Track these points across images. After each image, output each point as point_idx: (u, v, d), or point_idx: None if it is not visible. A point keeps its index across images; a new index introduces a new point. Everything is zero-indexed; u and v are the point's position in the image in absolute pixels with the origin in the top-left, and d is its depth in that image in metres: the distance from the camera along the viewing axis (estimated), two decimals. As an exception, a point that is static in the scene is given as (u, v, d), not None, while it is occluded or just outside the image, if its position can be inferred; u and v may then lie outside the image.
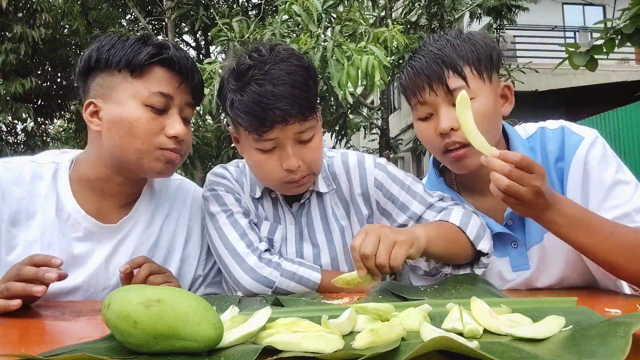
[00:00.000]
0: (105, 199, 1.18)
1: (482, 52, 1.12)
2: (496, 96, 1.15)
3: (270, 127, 1.04)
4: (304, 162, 1.10)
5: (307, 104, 1.06)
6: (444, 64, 1.10)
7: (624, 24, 3.95)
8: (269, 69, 1.05)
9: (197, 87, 1.16)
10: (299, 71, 1.07)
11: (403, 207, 1.20)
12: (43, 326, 0.81)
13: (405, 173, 1.25)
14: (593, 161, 1.09)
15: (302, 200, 1.23)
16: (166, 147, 1.10)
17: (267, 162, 1.10)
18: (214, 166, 1.34)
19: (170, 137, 1.10)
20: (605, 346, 0.50)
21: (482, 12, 8.64)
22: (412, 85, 1.14)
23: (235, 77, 1.08)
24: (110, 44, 1.10)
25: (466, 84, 1.09)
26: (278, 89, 1.03)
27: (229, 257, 1.13)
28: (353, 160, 1.26)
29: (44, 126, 11.59)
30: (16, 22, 8.18)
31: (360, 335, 0.56)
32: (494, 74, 1.14)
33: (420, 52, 1.15)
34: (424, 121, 1.16)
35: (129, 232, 1.19)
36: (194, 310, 0.57)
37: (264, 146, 1.09)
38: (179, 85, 1.11)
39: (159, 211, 1.26)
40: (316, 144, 1.12)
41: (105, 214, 1.18)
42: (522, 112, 7.68)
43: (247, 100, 1.04)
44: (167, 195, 1.29)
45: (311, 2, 4.13)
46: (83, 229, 1.15)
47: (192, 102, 1.16)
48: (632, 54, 12.78)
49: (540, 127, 1.19)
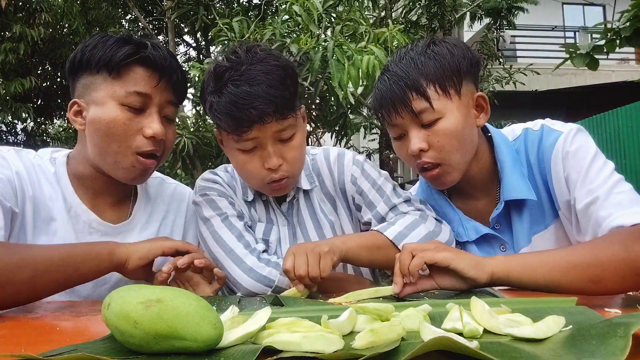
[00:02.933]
0: (97, 196, 1.19)
1: (447, 67, 1.09)
2: (467, 110, 1.12)
3: (249, 127, 1.05)
4: (286, 161, 1.11)
5: (285, 102, 1.07)
6: (406, 86, 1.08)
7: (623, 26, 3.95)
8: (245, 70, 1.06)
9: (177, 85, 1.15)
10: (276, 70, 1.07)
11: (370, 205, 1.22)
12: (43, 326, 0.81)
13: (380, 172, 1.26)
14: (570, 152, 1.08)
15: (288, 198, 1.25)
16: (143, 149, 1.09)
17: (250, 162, 1.11)
18: (214, 166, 1.35)
19: (148, 137, 1.09)
20: (605, 346, 0.50)
21: (482, 13, 8.63)
22: (380, 108, 1.15)
23: (213, 80, 1.09)
24: (93, 44, 1.10)
25: (430, 105, 1.08)
26: (254, 89, 1.04)
27: (227, 259, 1.13)
28: (333, 156, 1.28)
29: (44, 126, 11.58)
30: (16, 21, 8.16)
31: (360, 335, 0.56)
32: (463, 86, 1.11)
33: (385, 74, 1.14)
34: (398, 140, 1.17)
35: (127, 235, 1.19)
36: (194, 310, 0.57)
37: (245, 146, 1.09)
38: (157, 83, 1.10)
39: (155, 215, 1.27)
40: (297, 143, 1.12)
41: (101, 211, 1.19)
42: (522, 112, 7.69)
43: (224, 102, 1.05)
44: (162, 199, 1.30)
45: (311, 2, 4.13)
46: (83, 223, 1.15)
47: (174, 100, 1.15)
48: (632, 54, 12.78)
49: (525, 129, 1.19)
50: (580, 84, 11.19)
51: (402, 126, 1.13)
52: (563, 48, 4.37)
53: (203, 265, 1.06)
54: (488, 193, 1.23)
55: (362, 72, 3.68)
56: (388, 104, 1.12)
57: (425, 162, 1.12)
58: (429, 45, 1.14)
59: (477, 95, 1.15)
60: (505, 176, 1.15)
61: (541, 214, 1.16)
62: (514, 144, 1.19)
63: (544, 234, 1.16)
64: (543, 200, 1.15)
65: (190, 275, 1.08)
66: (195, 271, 1.08)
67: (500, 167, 1.17)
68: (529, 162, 1.16)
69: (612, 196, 1.01)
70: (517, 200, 1.15)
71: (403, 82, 1.09)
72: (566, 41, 12.56)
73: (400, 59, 1.14)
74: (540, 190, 1.15)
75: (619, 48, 4.12)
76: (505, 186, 1.15)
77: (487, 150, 1.21)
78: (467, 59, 1.13)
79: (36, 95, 9.92)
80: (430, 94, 1.08)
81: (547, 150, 1.12)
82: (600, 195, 1.01)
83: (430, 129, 1.09)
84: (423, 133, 1.10)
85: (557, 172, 1.11)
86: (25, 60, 8.79)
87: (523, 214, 1.16)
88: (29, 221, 1.09)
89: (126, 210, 1.24)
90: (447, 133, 1.08)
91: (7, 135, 10.95)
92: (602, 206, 1.00)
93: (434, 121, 1.09)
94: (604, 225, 0.99)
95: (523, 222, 1.16)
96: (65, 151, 1.24)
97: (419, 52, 1.12)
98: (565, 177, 1.09)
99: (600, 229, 1.00)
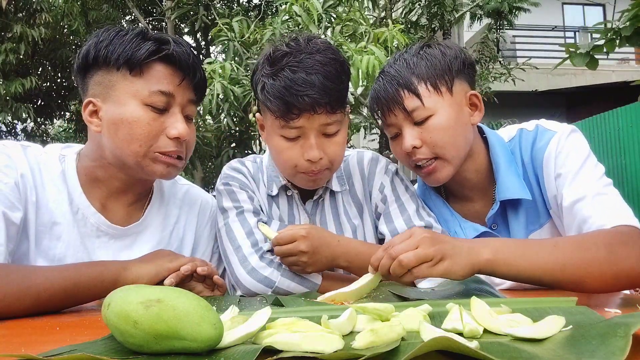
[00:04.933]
0: (112, 197, 1.13)
1: (438, 66, 1.13)
2: (460, 107, 1.15)
3: (298, 115, 1.06)
4: (326, 155, 1.11)
5: (337, 96, 1.08)
6: (399, 85, 1.13)
7: (623, 26, 3.95)
8: (304, 58, 1.06)
9: (199, 83, 1.11)
10: (333, 63, 1.08)
11: (388, 217, 1.22)
12: (43, 326, 0.81)
13: (408, 187, 1.26)
14: (563, 152, 1.10)
15: (315, 197, 1.24)
16: (166, 150, 1.06)
17: (290, 150, 1.11)
18: (214, 166, 1.35)
19: (172, 138, 1.05)
20: (605, 346, 0.50)
21: (482, 13, 8.63)
22: (376, 108, 1.19)
23: (269, 63, 1.09)
24: (109, 39, 1.04)
25: (421, 102, 1.11)
26: (310, 78, 1.04)
27: (234, 255, 1.14)
28: (367, 160, 1.29)
29: (44, 126, 11.59)
30: (16, 21, 8.17)
31: (360, 335, 0.56)
32: (455, 83, 1.15)
33: (381, 75, 1.19)
34: (394, 140, 1.20)
35: (137, 237, 1.16)
36: (194, 310, 0.57)
37: (289, 134, 1.09)
38: (180, 82, 1.06)
39: (169, 217, 1.23)
40: (340, 139, 1.13)
41: (113, 212, 1.14)
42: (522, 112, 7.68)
43: (278, 85, 1.05)
44: (175, 201, 1.26)
45: (311, 2, 4.13)
46: (90, 226, 1.10)
47: (195, 99, 1.11)
48: (632, 54, 12.77)
49: (519, 129, 1.22)
50: (580, 84, 11.18)
51: (396, 125, 1.16)
52: (563, 48, 4.38)
53: (206, 273, 1.05)
54: (484, 194, 1.24)
55: (362, 72, 3.68)
56: (382, 103, 1.16)
57: (419, 159, 1.15)
58: (423, 47, 1.19)
59: (471, 94, 1.18)
60: (500, 176, 1.17)
61: (536, 213, 1.17)
62: (509, 144, 1.21)
63: (539, 232, 1.17)
64: (537, 199, 1.17)
65: (193, 285, 1.07)
66: (198, 280, 1.07)
67: (495, 168, 1.19)
68: (523, 162, 1.18)
69: (600, 197, 1.03)
70: (512, 200, 1.16)
71: (396, 82, 1.14)
72: (566, 41, 12.57)
73: (395, 61, 1.19)
74: (535, 189, 1.17)
75: (618, 48, 4.12)
76: (500, 186, 1.17)
77: (483, 151, 1.22)
78: (460, 59, 1.17)
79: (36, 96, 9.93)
80: (422, 92, 1.12)
81: (540, 150, 1.14)
82: (588, 195, 1.03)
83: (423, 126, 1.13)
84: (416, 130, 1.14)
85: (549, 171, 1.12)
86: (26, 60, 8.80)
87: (519, 213, 1.18)
88: (32, 226, 1.05)
89: (140, 211, 1.19)
90: (438, 129, 1.11)
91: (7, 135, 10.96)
92: (588, 204, 1.02)
93: (426, 118, 1.12)
94: (588, 224, 1.00)
95: (519, 221, 1.17)
96: (76, 147, 1.18)
97: (412, 54, 1.17)
98: (555, 175, 1.11)
99: (585, 226, 1.01)
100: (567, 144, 1.10)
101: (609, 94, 10.39)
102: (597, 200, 1.02)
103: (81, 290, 0.94)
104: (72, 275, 0.94)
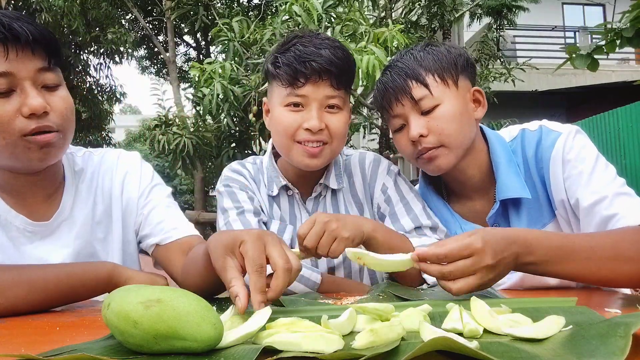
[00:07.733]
0: (26, 195, 1.08)
1: (444, 60, 1.18)
2: (464, 100, 1.18)
3: (305, 82, 1.12)
4: (327, 127, 1.15)
5: (344, 69, 1.15)
6: (407, 75, 1.17)
7: (624, 27, 3.94)
8: (314, 39, 1.16)
9: (42, 44, 0.96)
10: (342, 49, 1.17)
11: (394, 216, 1.22)
12: (43, 326, 0.81)
13: (411, 188, 1.28)
14: (571, 153, 1.11)
15: (314, 194, 1.25)
16: (28, 130, 0.96)
17: (291, 118, 1.15)
18: (214, 166, 1.35)
19: (27, 116, 0.95)
20: (605, 346, 0.50)
21: (482, 12, 8.63)
22: (382, 99, 1.21)
23: (282, 44, 1.18)
24: None
25: (429, 91, 1.15)
26: (320, 51, 1.13)
27: None
28: (369, 161, 1.30)
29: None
30: (16, 22, 8.16)
31: (360, 335, 0.56)
32: (460, 79, 1.18)
33: (387, 69, 1.23)
34: (399, 132, 1.22)
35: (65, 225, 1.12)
36: (194, 310, 0.57)
37: (294, 100, 1.14)
38: (15, 56, 0.94)
39: (87, 192, 1.17)
40: (342, 118, 1.18)
41: (34, 210, 1.09)
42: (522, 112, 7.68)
43: (289, 55, 1.14)
44: (88, 174, 1.18)
45: (311, 2, 4.13)
46: (16, 229, 1.07)
47: (47, 65, 0.98)
48: (632, 54, 12.78)
49: (522, 129, 1.23)
50: (580, 84, 11.18)
51: (402, 115, 1.18)
52: (563, 48, 4.37)
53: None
54: (485, 194, 1.24)
55: (362, 72, 3.68)
56: (390, 93, 1.19)
57: (425, 148, 1.16)
58: (428, 44, 1.23)
59: (474, 90, 1.21)
60: (500, 176, 1.18)
61: (539, 212, 1.17)
62: (510, 144, 1.22)
63: None
64: (541, 199, 1.17)
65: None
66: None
67: (495, 167, 1.19)
68: (526, 162, 1.18)
69: (621, 196, 1.04)
70: (513, 199, 1.17)
71: (404, 73, 1.17)
72: (566, 41, 12.58)
73: (402, 56, 1.22)
74: (538, 189, 1.17)
75: (619, 48, 4.11)
76: (500, 186, 1.18)
77: (484, 150, 1.23)
78: (464, 57, 1.21)
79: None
80: (429, 82, 1.15)
81: (546, 151, 1.14)
82: (608, 195, 1.04)
83: (430, 115, 1.16)
84: (423, 119, 1.16)
85: (556, 172, 1.12)
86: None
87: (521, 213, 1.18)
88: None
89: (59, 199, 1.12)
90: (446, 117, 1.15)
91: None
92: (610, 205, 1.03)
93: (433, 108, 1.15)
94: (612, 223, 1.01)
95: (521, 221, 1.17)
96: None
97: (419, 50, 1.21)
98: (564, 178, 1.11)
99: (608, 226, 1.02)
100: (575, 144, 1.11)
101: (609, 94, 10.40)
102: (620, 200, 1.03)
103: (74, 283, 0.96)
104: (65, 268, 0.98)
